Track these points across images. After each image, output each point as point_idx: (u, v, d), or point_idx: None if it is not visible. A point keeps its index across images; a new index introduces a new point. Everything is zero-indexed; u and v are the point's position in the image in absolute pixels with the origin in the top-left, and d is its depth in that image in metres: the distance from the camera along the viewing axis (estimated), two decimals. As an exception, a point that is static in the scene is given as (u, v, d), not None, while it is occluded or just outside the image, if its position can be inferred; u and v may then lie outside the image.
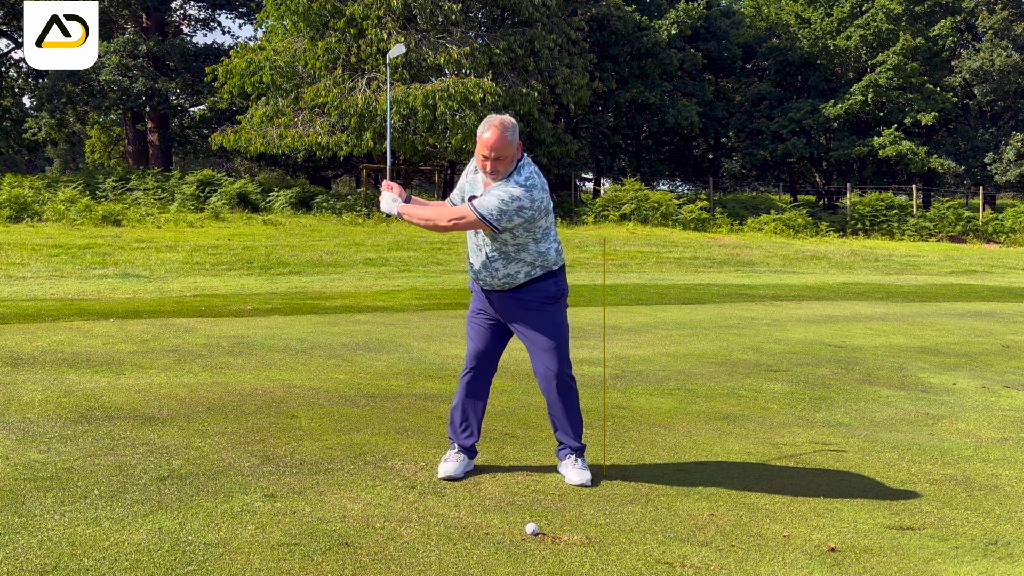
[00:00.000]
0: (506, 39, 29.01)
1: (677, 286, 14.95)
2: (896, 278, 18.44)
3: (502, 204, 4.07)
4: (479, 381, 4.42)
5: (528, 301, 4.26)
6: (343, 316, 9.84)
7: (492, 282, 4.28)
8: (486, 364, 4.42)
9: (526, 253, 4.22)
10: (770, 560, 3.49)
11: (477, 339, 4.41)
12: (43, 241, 16.79)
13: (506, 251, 4.21)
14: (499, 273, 4.24)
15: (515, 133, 4.14)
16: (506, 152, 4.10)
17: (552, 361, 4.27)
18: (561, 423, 4.37)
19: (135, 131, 38.54)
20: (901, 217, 33.46)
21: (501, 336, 4.42)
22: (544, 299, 4.27)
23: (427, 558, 3.36)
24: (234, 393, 5.87)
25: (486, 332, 4.39)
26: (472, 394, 4.42)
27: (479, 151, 4.14)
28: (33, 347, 7.22)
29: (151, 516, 3.64)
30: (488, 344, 4.39)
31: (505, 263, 4.23)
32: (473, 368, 4.40)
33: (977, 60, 37.63)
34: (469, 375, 4.42)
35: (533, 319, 4.27)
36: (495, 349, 4.42)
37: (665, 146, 42.23)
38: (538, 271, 4.25)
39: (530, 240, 4.21)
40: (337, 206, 28.23)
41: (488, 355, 4.41)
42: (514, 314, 4.30)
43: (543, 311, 4.27)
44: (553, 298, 4.29)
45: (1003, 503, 4.30)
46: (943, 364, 8.15)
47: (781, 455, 4.97)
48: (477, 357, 4.40)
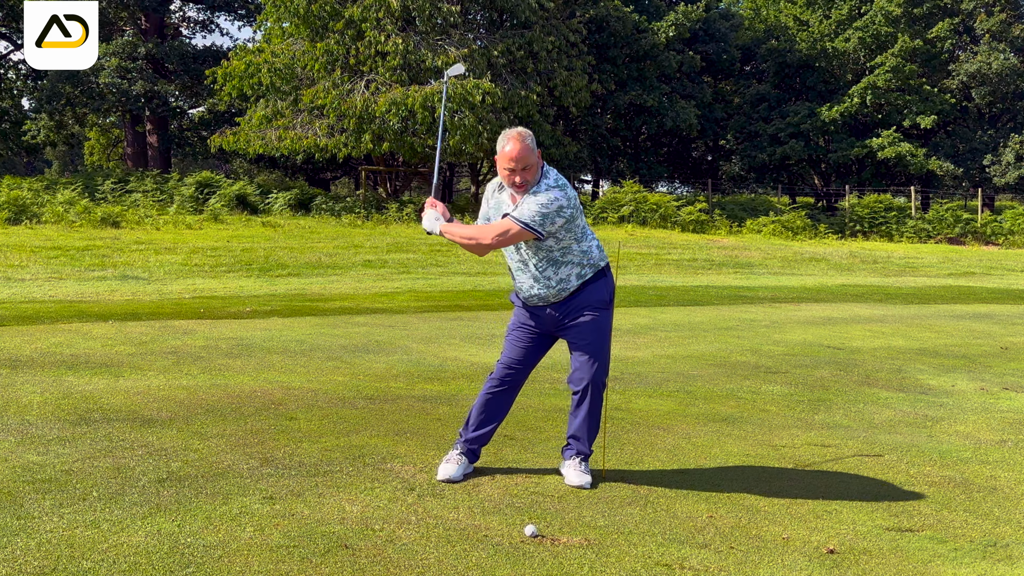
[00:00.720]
0: (504, 41, 29.03)
1: (676, 288, 14.96)
2: (895, 280, 18.45)
3: (543, 208, 4.11)
4: (507, 392, 4.43)
5: (585, 306, 4.30)
6: (342, 318, 9.84)
7: (548, 294, 4.29)
8: (518, 376, 4.42)
9: (572, 255, 4.27)
10: (769, 562, 3.49)
11: (514, 351, 4.40)
12: (42, 243, 16.78)
13: (553, 257, 4.25)
14: (552, 281, 4.27)
15: (533, 141, 4.18)
16: (530, 160, 4.13)
17: (594, 369, 4.30)
18: (579, 428, 4.38)
19: (134, 133, 38.54)
20: (900, 219, 33.49)
21: (539, 352, 4.44)
22: (600, 304, 4.33)
23: (426, 560, 3.36)
24: (233, 395, 5.87)
25: (525, 346, 4.39)
26: (497, 402, 4.42)
27: (503, 165, 4.15)
28: (32, 349, 7.21)
29: (150, 518, 3.64)
30: (524, 357, 4.40)
31: (555, 269, 4.26)
32: (504, 378, 4.40)
33: (975, 63, 37.67)
34: (498, 385, 4.40)
35: (587, 324, 4.30)
36: (530, 363, 4.43)
37: (664, 148, 42.25)
38: (588, 271, 4.31)
39: (572, 241, 4.26)
40: (336, 208, 28.25)
41: (522, 368, 4.41)
42: (570, 319, 4.31)
43: (598, 316, 4.32)
44: (607, 303, 4.36)
45: (1002, 505, 4.30)
46: (942, 366, 8.15)
47: (780, 457, 4.98)
48: (510, 367, 4.39)
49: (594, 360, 4.31)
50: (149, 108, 36.10)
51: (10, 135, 37.68)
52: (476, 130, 26.68)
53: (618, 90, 35.77)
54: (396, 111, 26.37)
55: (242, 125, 30.17)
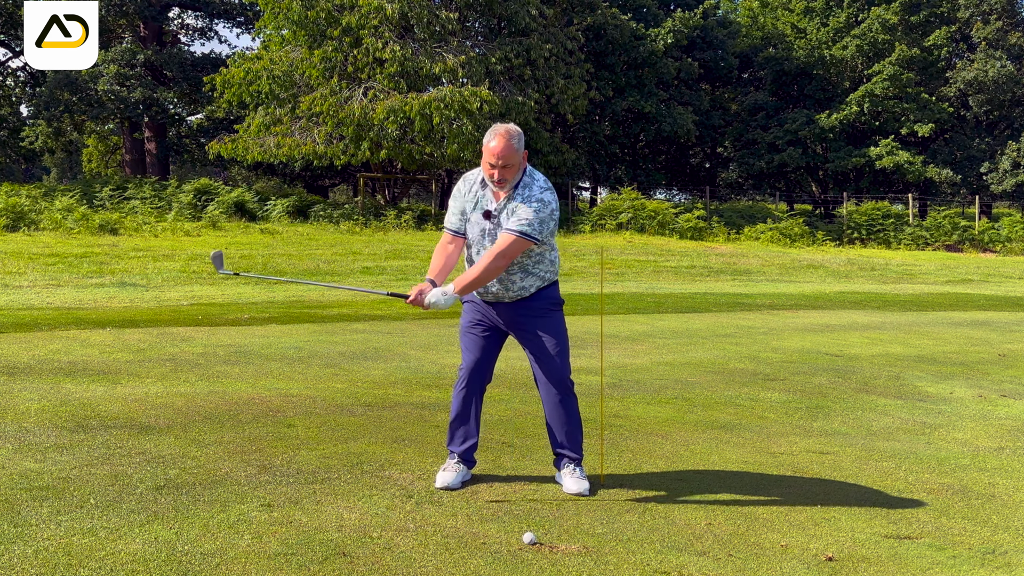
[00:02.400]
0: (502, 49, 29.07)
1: (674, 295, 14.96)
2: (893, 287, 18.46)
3: (539, 214, 4.12)
4: (476, 392, 4.42)
5: (536, 308, 4.32)
6: (340, 325, 9.84)
7: (504, 295, 4.30)
8: (483, 374, 4.42)
9: (542, 265, 4.29)
10: (768, 569, 3.49)
11: (474, 350, 4.39)
12: (40, 250, 16.77)
13: (525, 264, 4.26)
14: (514, 286, 4.28)
15: (521, 141, 4.16)
16: (513, 160, 4.12)
17: (556, 367, 4.31)
18: (561, 433, 4.38)
19: (132, 140, 38.53)
20: (897, 226, 33.52)
21: (497, 346, 4.44)
22: (551, 305, 4.35)
23: (424, 568, 3.36)
24: (231, 402, 5.86)
25: (483, 343, 4.39)
26: (469, 405, 4.41)
27: (486, 160, 4.15)
28: (29, 356, 7.20)
29: (147, 526, 3.63)
30: (485, 354, 4.40)
31: (523, 276, 4.28)
32: (469, 379, 4.39)
33: (972, 70, 37.76)
34: (466, 387, 4.40)
35: (541, 325, 4.31)
36: (491, 359, 4.43)
37: (662, 155, 42.27)
38: (547, 282, 4.34)
39: (548, 248, 4.29)
40: (334, 215, 28.25)
41: (485, 366, 4.41)
42: (521, 322, 4.32)
43: (550, 317, 4.34)
44: (558, 303, 4.39)
45: (1000, 512, 4.30)
46: (940, 373, 8.16)
47: (778, 464, 4.97)
48: (474, 368, 4.39)
49: (557, 358, 4.32)
50: (148, 115, 36.10)
51: (8, 142, 37.67)
52: (474, 137, 26.70)
53: (616, 97, 35.81)
54: (394, 118, 26.39)
55: (240, 132, 30.17)
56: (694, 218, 30.39)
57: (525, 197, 4.17)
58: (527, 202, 4.15)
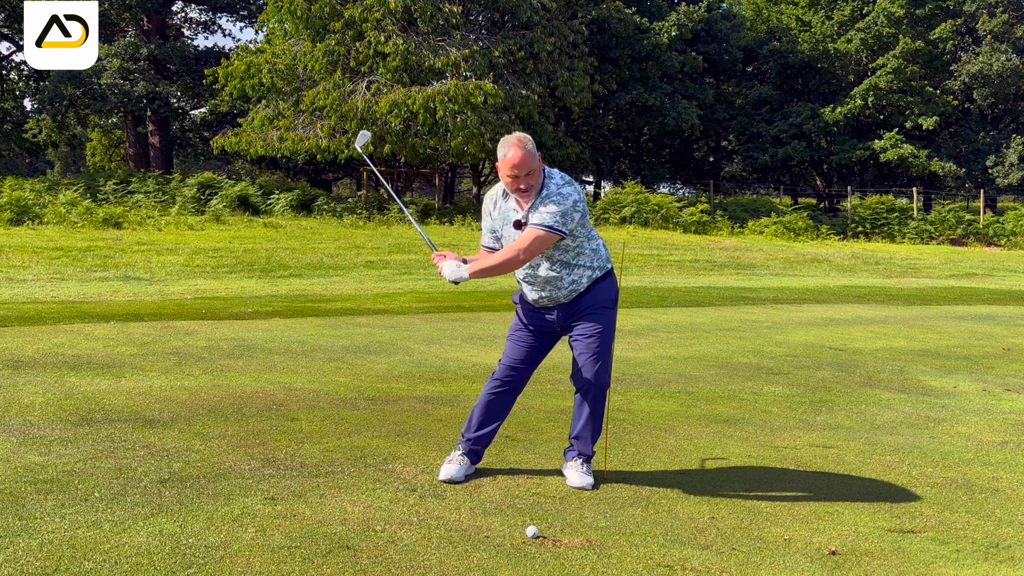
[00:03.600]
0: (506, 42, 29.02)
1: (678, 289, 14.95)
2: (897, 281, 18.44)
3: (560, 207, 4.12)
4: (509, 394, 4.43)
5: (592, 304, 4.31)
6: (344, 319, 9.84)
7: (558, 296, 4.30)
8: (520, 377, 4.42)
9: (583, 256, 4.29)
10: (771, 563, 3.49)
11: (517, 352, 4.40)
12: (44, 244, 16.80)
13: (565, 259, 4.26)
14: (564, 284, 4.28)
15: (533, 145, 4.16)
16: (532, 165, 4.11)
17: (599, 368, 4.30)
18: (582, 428, 4.38)
19: (136, 134, 38.57)
20: (902, 220, 33.46)
21: (542, 352, 4.44)
22: (607, 303, 4.35)
23: (427, 561, 3.36)
24: (234, 396, 5.87)
25: (528, 346, 4.39)
26: (498, 404, 4.42)
27: (505, 172, 4.13)
28: (34, 350, 7.22)
29: (152, 519, 3.64)
30: (527, 357, 4.40)
31: (568, 272, 4.27)
32: (505, 379, 4.39)
33: (977, 64, 37.65)
34: (500, 385, 4.40)
35: (593, 324, 4.30)
36: (532, 364, 4.43)
37: (666, 149, 42.23)
38: (598, 272, 4.33)
39: (584, 239, 4.28)
40: (338, 209, 28.26)
41: (524, 369, 4.41)
42: (577, 318, 4.32)
43: (604, 314, 4.33)
44: (613, 302, 4.38)
45: (1004, 506, 4.30)
46: (944, 367, 8.15)
47: (782, 458, 4.97)
48: (513, 369, 4.39)
49: (598, 359, 4.30)
50: (151, 109, 36.13)
51: (12, 136, 37.71)
52: (478, 131, 26.68)
53: (620, 91, 35.76)
54: (397, 112, 26.37)
55: (244, 126, 30.18)
56: (698, 212, 30.36)
57: (546, 195, 4.18)
58: (546, 200, 4.16)
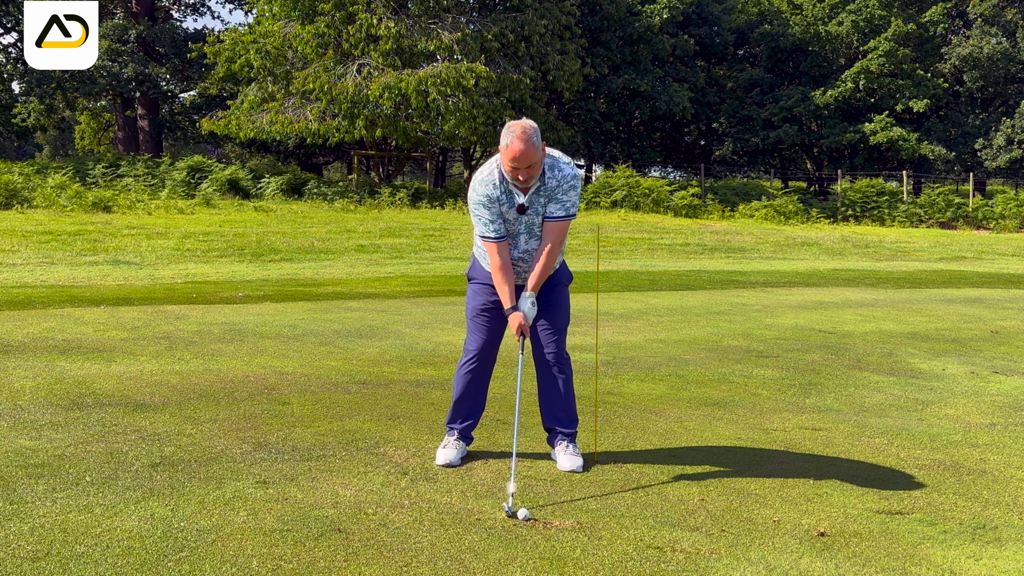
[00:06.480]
0: (498, 25, 28.88)
1: (668, 272, 14.97)
2: (886, 264, 18.50)
3: (577, 192, 4.22)
4: (484, 373, 4.45)
5: (555, 283, 4.41)
6: (335, 303, 9.84)
7: (527, 270, 4.35)
8: (492, 356, 4.46)
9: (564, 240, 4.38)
10: (760, 545, 3.52)
11: (485, 332, 4.40)
12: (33, 228, 16.71)
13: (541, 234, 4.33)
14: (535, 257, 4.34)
15: (538, 136, 4.05)
16: (534, 158, 4.05)
17: (560, 341, 4.39)
18: (556, 408, 4.41)
19: (125, 117, 38.29)
20: (891, 203, 33.52)
21: (504, 329, 4.46)
22: (566, 280, 4.48)
23: (419, 544, 3.38)
24: (226, 380, 5.87)
25: (495, 325, 4.41)
26: (476, 385, 4.44)
27: (508, 161, 4.05)
28: (24, 334, 7.20)
29: (143, 503, 3.65)
30: (495, 336, 4.42)
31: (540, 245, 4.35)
32: (478, 360, 4.40)
33: (967, 46, 37.65)
34: (474, 367, 4.40)
35: (554, 299, 4.39)
36: (499, 341, 4.47)
37: (657, 132, 42.16)
38: (563, 255, 4.47)
39: None
40: (329, 193, 28.17)
41: (494, 347, 4.44)
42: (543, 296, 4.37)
43: (561, 291, 4.44)
44: (569, 279, 4.51)
45: (991, 487, 4.33)
46: (932, 350, 8.19)
47: (771, 440, 5.00)
48: (484, 349, 4.40)
49: (562, 334, 4.41)
50: (140, 92, 35.85)
51: (0, 119, 37.40)
52: (470, 114, 26.59)
53: (611, 74, 35.66)
54: (389, 95, 26.25)
55: (232, 109, 29.99)
56: (689, 196, 30.35)
57: (560, 179, 4.17)
58: (563, 184, 4.18)
